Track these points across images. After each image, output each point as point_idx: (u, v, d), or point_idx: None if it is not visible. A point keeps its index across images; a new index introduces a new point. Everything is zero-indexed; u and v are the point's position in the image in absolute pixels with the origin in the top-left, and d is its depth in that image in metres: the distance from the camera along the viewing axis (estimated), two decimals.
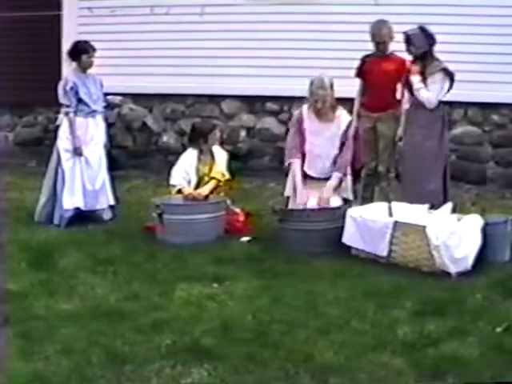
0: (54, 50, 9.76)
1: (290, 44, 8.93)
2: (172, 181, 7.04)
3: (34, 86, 10.03)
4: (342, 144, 6.62)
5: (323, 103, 6.53)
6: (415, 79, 6.55)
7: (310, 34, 8.83)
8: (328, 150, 6.62)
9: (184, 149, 7.60)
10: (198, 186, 6.98)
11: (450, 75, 6.56)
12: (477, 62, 7.91)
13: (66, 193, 7.12)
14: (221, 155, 7.15)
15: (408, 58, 6.79)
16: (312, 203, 6.51)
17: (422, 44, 6.55)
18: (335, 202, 6.51)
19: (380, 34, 7.03)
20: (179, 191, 6.95)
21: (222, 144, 7.57)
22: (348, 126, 6.66)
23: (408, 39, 6.57)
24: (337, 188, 6.59)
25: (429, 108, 6.57)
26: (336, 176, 6.57)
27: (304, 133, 6.68)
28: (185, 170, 7.03)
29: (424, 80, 6.54)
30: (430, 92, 6.53)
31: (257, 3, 9.18)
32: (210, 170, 7.03)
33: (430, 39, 6.57)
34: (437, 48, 6.65)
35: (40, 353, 4.35)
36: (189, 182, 6.99)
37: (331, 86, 6.55)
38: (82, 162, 7.18)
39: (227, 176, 7.01)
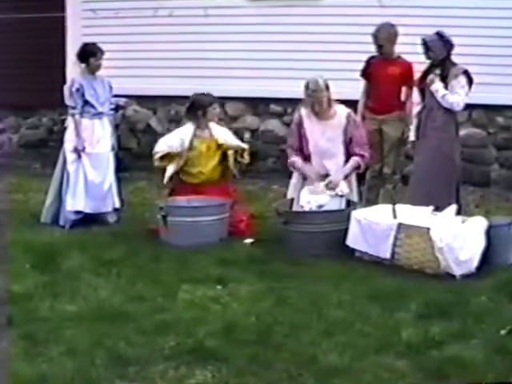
0: (58, 52, 9.78)
1: (294, 46, 8.93)
2: (156, 148, 6.96)
3: (38, 88, 10.05)
4: (351, 139, 6.58)
5: (320, 105, 6.53)
6: (439, 86, 6.53)
7: (313, 35, 8.83)
8: (333, 147, 6.60)
9: None
10: (186, 162, 6.91)
11: (470, 78, 6.56)
12: (481, 64, 7.89)
13: (68, 195, 7.13)
14: (222, 131, 7.08)
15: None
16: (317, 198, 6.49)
17: (441, 50, 6.53)
18: (343, 186, 6.50)
19: (379, 36, 7.03)
20: (163, 158, 6.89)
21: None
22: (348, 118, 6.60)
23: (426, 45, 6.57)
24: (347, 175, 6.57)
25: (457, 110, 6.57)
26: (352, 162, 6.54)
27: (306, 135, 6.68)
28: (179, 137, 6.91)
29: (446, 84, 6.52)
30: (456, 95, 6.51)
31: (260, 5, 9.19)
32: (209, 148, 6.96)
33: (447, 44, 6.55)
34: None
35: (44, 354, 4.35)
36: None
37: (326, 86, 6.50)
38: (87, 165, 7.17)
39: (244, 145, 7.06)
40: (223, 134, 7.07)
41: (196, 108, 7.00)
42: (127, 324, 4.78)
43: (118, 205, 7.34)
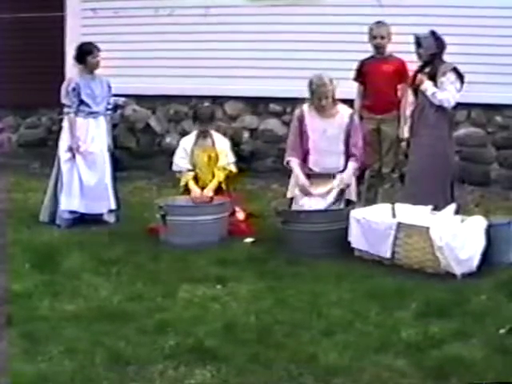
0: (58, 52, 9.77)
1: (294, 45, 8.93)
2: (175, 167, 7.14)
3: (37, 88, 10.04)
4: (349, 137, 6.60)
5: (326, 98, 6.54)
6: (428, 84, 6.52)
7: (313, 35, 8.83)
8: (333, 145, 6.61)
9: None
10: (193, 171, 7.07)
11: (460, 76, 6.55)
12: (480, 63, 7.90)
13: (62, 194, 7.13)
14: (222, 143, 7.16)
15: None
16: (313, 202, 6.49)
17: (430, 46, 6.53)
18: (351, 193, 6.55)
19: (387, 31, 7.04)
20: (187, 190, 6.97)
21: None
22: (351, 118, 6.62)
23: (417, 41, 6.57)
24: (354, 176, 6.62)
25: (447, 108, 6.53)
26: (352, 166, 6.56)
27: (306, 131, 6.68)
28: (185, 151, 7.10)
29: (435, 82, 6.51)
30: (446, 92, 6.49)
31: (261, 5, 9.19)
32: (209, 158, 7.04)
33: (439, 43, 6.55)
34: None
35: (43, 353, 4.35)
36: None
37: (330, 81, 6.54)
38: (82, 164, 7.15)
39: (232, 168, 7.06)
40: (222, 146, 7.14)
41: (197, 118, 7.22)
42: (127, 323, 4.78)
43: (113, 206, 7.30)
